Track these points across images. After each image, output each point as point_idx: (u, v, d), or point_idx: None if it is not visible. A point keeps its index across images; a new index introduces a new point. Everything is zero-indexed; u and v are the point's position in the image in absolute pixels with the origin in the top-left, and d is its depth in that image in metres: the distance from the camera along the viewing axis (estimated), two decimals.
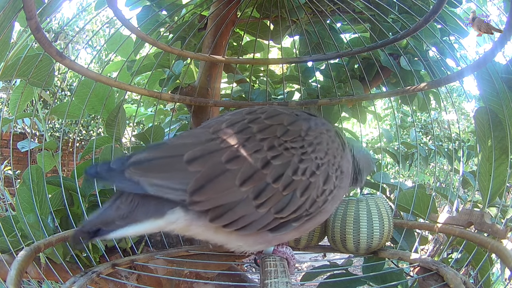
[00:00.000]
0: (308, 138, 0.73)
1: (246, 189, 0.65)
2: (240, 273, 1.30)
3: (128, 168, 0.65)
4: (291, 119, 0.75)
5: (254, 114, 0.74)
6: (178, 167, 0.65)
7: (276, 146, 0.69)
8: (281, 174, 0.68)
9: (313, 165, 0.71)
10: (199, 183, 0.64)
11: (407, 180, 5.22)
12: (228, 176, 0.65)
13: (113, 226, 0.65)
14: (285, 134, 0.71)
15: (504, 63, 1.00)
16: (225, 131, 0.70)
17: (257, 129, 0.70)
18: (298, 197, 0.69)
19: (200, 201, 0.64)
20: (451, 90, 4.32)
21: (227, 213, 0.65)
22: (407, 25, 1.13)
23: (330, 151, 0.74)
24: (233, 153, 0.67)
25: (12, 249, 0.96)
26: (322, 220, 0.79)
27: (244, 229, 0.67)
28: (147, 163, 0.66)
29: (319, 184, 0.71)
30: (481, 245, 0.86)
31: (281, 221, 0.69)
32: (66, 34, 5.77)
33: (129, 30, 1.10)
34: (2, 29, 0.82)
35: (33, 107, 2.15)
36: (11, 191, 2.69)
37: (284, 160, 0.69)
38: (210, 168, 0.65)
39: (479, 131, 1.05)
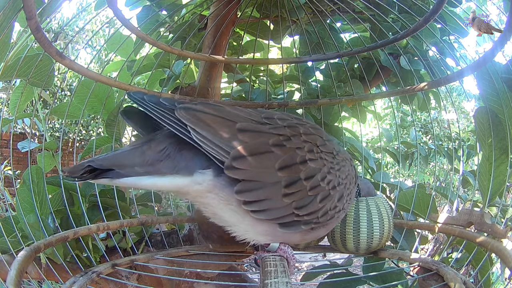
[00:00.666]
0: (337, 158, 0.81)
1: (282, 175, 0.69)
2: (241, 273, 1.30)
3: (179, 110, 0.64)
4: (327, 138, 0.83)
5: (300, 120, 0.82)
6: (229, 130, 0.67)
7: (314, 152, 0.75)
8: (312, 176, 0.73)
9: (336, 181, 0.77)
10: (244, 152, 0.66)
11: (407, 180, 5.22)
12: (271, 157, 0.69)
13: (129, 170, 0.61)
14: (323, 146, 0.78)
15: (504, 63, 1.00)
16: (276, 121, 0.75)
17: (303, 131, 0.76)
18: (317, 202, 0.74)
19: (238, 169, 0.65)
20: (451, 90, 4.32)
21: (257, 190, 0.67)
22: (407, 25, 1.13)
23: (348, 177, 0.82)
24: (280, 141, 0.71)
25: (12, 249, 0.96)
26: (321, 234, 0.85)
27: (262, 213, 0.69)
28: (200, 114, 0.66)
29: (334, 199, 0.77)
30: (481, 245, 0.86)
31: (295, 218, 0.72)
32: (66, 34, 5.77)
33: (129, 30, 1.10)
34: (2, 29, 0.82)
35: (33, 107, 2.15)
36: (11, 191, 2.68)
37: (318, 165, 0.74)
38: (257, 144, 0.69)
39: (479, 130, 1.05)
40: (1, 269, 1.08)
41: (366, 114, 1.80)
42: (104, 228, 1.03)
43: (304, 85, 1.58)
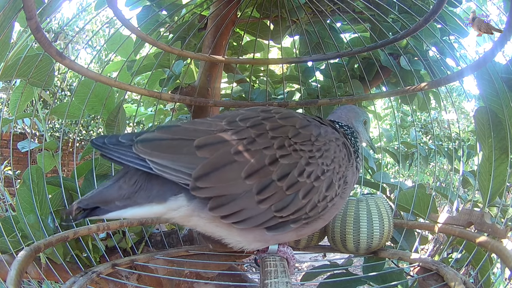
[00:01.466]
0: (317, 143, 0.74)
1: (250, 182, 0.66)
2: (240, 273, 1.30)
3: (136, 144, 0.65)
4: (304, 123, 0.76)
5: (268, 113, 0.75)
6: (187, 150, 0.66)
7: (286, 146, 0.70)
8: (287, 174, 0.68)
9: (319, 170, 0.72)
10: (205, 170, 0.65)
11: (407, 180, 5.22)
12: (234, 167, 0.66)
13: (112, 205, 0.65)
14: (296, 136, 0.72)
15: (504, 63, 1.00)
16: (238, 123, 0.71)
17: (270, 127, 0.71)
18: (300, 198, 0.69)
19: (203, 188, 0.64)
20: (451, 90, 4.32)
21: (229, 203, 0.66)
22: (407, 25, 1.13)
23: (336, 160, 0.76)
24: (243, 146, 0.67)
25: (12, 249, 0.96)
26: (319, 227, 0.80)
27: (243, 223, 0.67)
28: (156, 142, 0.66)
29: (321, 190, 0.72)
30: (481, 245, 0.86)
31: (279, 220, 0.69)
32: (66, 34, 5.77)
33: (129, 30, 1.10)
34: (2, 29, 0.82)
35: (33, 107, 2.15)
36: (11, 191, 2.68)
37: (292, 160, 0.70)
38: (218, 157, 0.66)
39: (479, 130, 1.05)
40: (1, 269, 1.08)
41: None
42: (104, 228, 1.03)
43: (304, 85, 1.58)
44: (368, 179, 1.52)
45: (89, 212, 0.65)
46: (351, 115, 0.95)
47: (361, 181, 1.31)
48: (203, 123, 0.72)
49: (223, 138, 0.68)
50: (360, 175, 1.01)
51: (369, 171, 1.60)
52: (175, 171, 0.64)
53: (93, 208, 0.65)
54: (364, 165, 1.44)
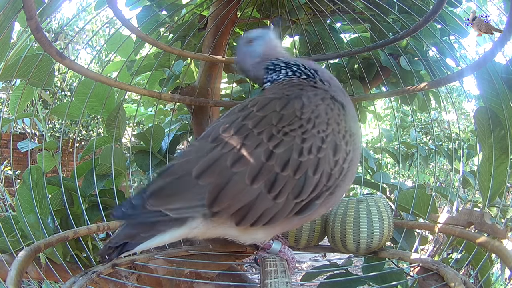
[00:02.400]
0: (305, 115, 0.72)
1: (257, 185, 0.66)
2: (240, 273, 1.30)
3: (148, 201, 0.67)
4: (283, 102, 0.73)
5: (246, 110, 0.74)
6: (190, 185, 0.67)
7: (275, 135, 0.69)
8: (287, 160, 0.67)
9: (318, 140, 0.70)
10: (214, 194, 0.66)
11: (407, 180, 5.22)
12: (237, 179, 0.66)
13: (138, 238, 0.67)
14: (281, 120, 0.70)
15: (504, 63, 1.00)
16: (223, 136, 0.70)
17: (252, 124, 0.70)
18: (311, 176, 0.68)
19: (220, 210, 0.66)
20: (451, 90, 4.32)
21: (249, 213, 0.67)
22: (407, 25, 1.13)
23: (331, 120, 0.73)
24: (236, 155, 0.67)
25: (12, 249, 0.96)
26: (346, 188, 0.77)
27: (271, 221, 0.68)
28: (162, 191, 0.67)
29: (329, 157, 0.70)
30: (481, 245, 0.86)
31: (303, 203, 0.69)
32: (66, 34, 5.77)
33: (129, 30, 1.10)
34: (2, 29, 0.82)
35: (33, 107, 2.15)
36: (11, 191, 2.68)
37: (287, 145, 0.68)
38: (219, 177, 0.66)
39: (479, 131, 1.05)
40: (1, 269, 1.08)
41: (366, 114, 1.80)
42: (104, 228, 1.03)
43: None
44: (368, 179, 1.52)
45: (121, 249, 0.67)
46: (270, 51, 0.88)
47: (361, 181, 1.31)
48: (191, 151, 0.72)
49: (214, 157, 0.68)
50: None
51: (369, 171, 1.60)
52: (189, 207, 0.67)
53: (124, 244, 0.67)
54: (364, 165, 1.44)
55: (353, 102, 1.28)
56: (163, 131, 1.36)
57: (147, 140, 1.32)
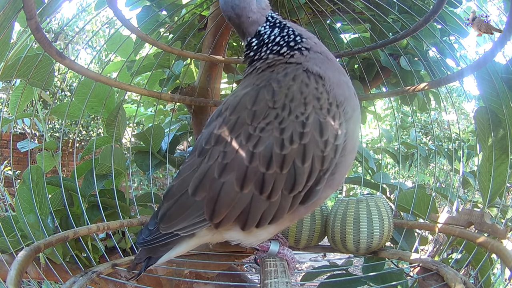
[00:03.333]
0: (278, 103, 0.67)
1: (247, 190, 0.66)
2: (240, 273, 1.30)
3: (160, 225, 0.70)
4: (253, 96, 0.69)
5: (221, 116, 0.72)
6: (189, 203, 0.69)
7: (252, 134, 0.66)
8: (270, 157, 0.65)
9: (298, 126, 0.65)
10: (210, 207, 0.67)
11: (407, 181, 5.22)
12: (227, 189, 0.66)
13: (158, 252, 0.72)
14: (254, 117, 0.67)
15: (504, 63, 1.00)
16: (205, 148, 0.70)
17: (229, 129, 0.68)
18: (300, 166, 0.65)
19: (221, 221, 0.67)
20: (451, 90, 4.32)
21: (249, 217, 0.67)
22: (407, 25, 1.13)
23: (309, 98, 0.67)
24: (221, 164, 0.67)
25: (12, 249, 0.96)
26: (351, 160, 0.73)
27: (275, 219, 0.68)
28: (168, 213, 0.70)
29: (316, 140, 0.65)
30: (481, 245, 0.86)
31: (302, 194, 0.67)
32: (66, 35, 5.77)
33: (129, 30, 1.10)
34: (2, 29, 0.82)
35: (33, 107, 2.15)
36: (11, 191, 2.68)
37: (265, 142, 0.65)
38: (210, 190, 0.67)
39: (479, 131, 1.05)
40: (1, 269, 1.08)
41: (366, 115, 1.80)
42: (104, 228, 1.03)
43: None
44: (368, 179, 1.52)
45: (147, 262, 0.72)
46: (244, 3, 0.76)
47: (361, 181, 1.31)
48: (185, 169, 0.73)
49: (203, 170, 0.68)
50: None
51: (369, 172, 1.60)
52: (194, 224, 0.69)
53: (148, 258, 0.72)
54: (364, 166, 1.44)
55: None
56: (163, 131, 1.36)
57: (147, 140, 1.32)
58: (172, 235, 0.70)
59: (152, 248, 0.72)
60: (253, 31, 0.78)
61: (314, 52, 0.76)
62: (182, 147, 2.22)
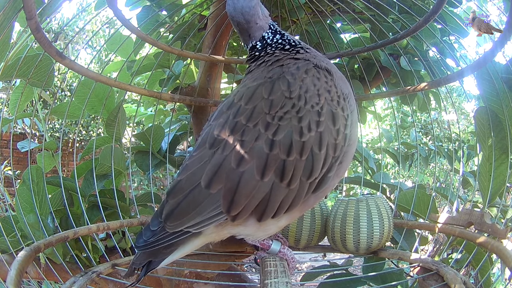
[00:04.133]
0: (294, 93, 0.70)
1: (268, 177, 0.66)
2: (240, 273, 1.30)
3: (166, 224, 0.67)
4: (268, 87, 0.72)
5: (234, 106, 0.72)
6: (202, 197, 0.66)
7: (271, 122, 0.68)
8: (290, 144, 0.66)
9: (314, 115, 0.69)
10: (228, 199, 0.65)
11: (407, 181, 5.22)
12: (247, 178, 0.65)
13: (160, 255, 0.69)
14: (272, 106, 0.69)
15: (504, 63, 1.00)
16: (219, 139, 0.69)
17: (245, 118, 0.69)
18: (318, 153, 0.67)
19: (239, 213, 0.66)
20: (451, 90, 4.33)
21: (268, 206, 0.66)
22: (407, 25, 1.13)
23: (321, 90, 0.71)
24: (238, 154, 0.66)
25: (12, 249, 0.96)
26: (353, 151, 0.76)
27: (291, 207, 0.68)
28: (177, 210, 0.67)
29: (330, 128, 0.69)
30: (481, 245, 0.86)
31: (317, 181, 0.69)
32: (66, 34, 5.77)
33: (129, 30, 1.10)
34: (2, 29, 0.82)
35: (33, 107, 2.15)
36: (11, 191, 2.68)
37: (285, 130, 0.67)
38: (228, 181, 0.65)
39: (479, 131, 1.05)
40: (1, 269, 1.08)
41: (366, 115, 1.80)
42: (104, 228, 1.03)
43: None
44: (368, 179, 1.52)
45: (147, 267, 0.69)
46: (254, 11, 0.82)
47: (361, 181, 1.31)
48: (193, 162, 0.70)
49: (218, 162, 0.67)
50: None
51: (369, 172, 1.60)
52: (209, 219, 0.66)
53: (148, 263, 0.69)
54: (364, 166, 1.44)
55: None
56: (163, 131, 1.36)
57: (147, 140, 1.32)
58: (181, 233, 0.67)
59: (153, 252, 0.68)
60: (259, 35, 0.84)
61: (313, 52, 0.83)
62: (182, 147, 2.22)
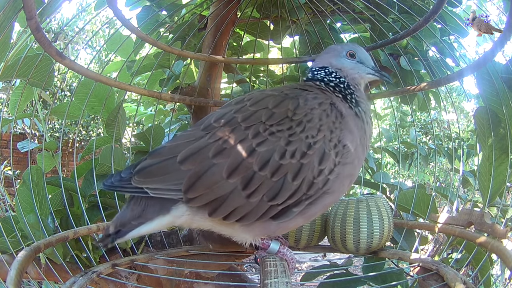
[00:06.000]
0: (296, 117, 0.70)
1: (233, 180, 0.66)
2: (240, 273, 1.30)
3: (134, 176, 0.69)
4: (278, 100, 0.72)
5: (241, 103, 0.74)
6: (173, 168, 0.68)
7: (261, 132, 0.68)
8: (267, 161, 0.66)
9: (303, 146, 0.68)
10: (191, 181, 0.67)
11: (407, 180, 5.22)
12: (215, 171, 0.66)
13: (129, 226, 0.71)
14: (271, 117, 0.69)
15: (504, 63, 1.00)
16: (213, 125, 0.71)
17: (242, 118, 0.70)
18: (290, 181, 0.67)
19: (195, 198, 0.67)
20: (451, 90, 4.33)
21: (222, 205, 0.67)
22: (407, 25, 1.13)
23: (324, 127, 0.70)
24: (219, 146, 0.68)
25: (12, 249, 0.96)
26: (331, 202, 0.75)
27: (243, 219, 0.68)
28: (148, 169, 0.70)
29: (313, 165, 0.68)
30: (481, 245, 0.86)
31: (279, 208, 0.68)
32: (66, 35, 5.77)
33: (129, 30, 1.10)
34: (2, 29, 0.82)
35: (33, 107, 2.15)
36: (11, 191, 2.68)
37: (270, 145, 0.67)
38: (199, 165, 0.67)
39: (479, 130, 1.05)
40: (1, 269, 1.08)
41: None
42: (104, 228, 1.03)
43: None
44: (368, 179, 1.52)
45: (115, 235, 0.71)
46: (328, 55, 0.86)
47: (361, 181, 1.31)
48: (182, 136, 0.73)
49: (200, 145, 0.69)
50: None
51: (369, 171, 1.60)
52: (168, 190, 0.68)
53: (117, 232, 0.71)
54: (364, 165, 1.44)
55: None
56: (163, 131, 1.36)
57: (147, 140, 1.32)
58: (141, 191, 0.69)
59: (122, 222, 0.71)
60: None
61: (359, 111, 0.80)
62: None
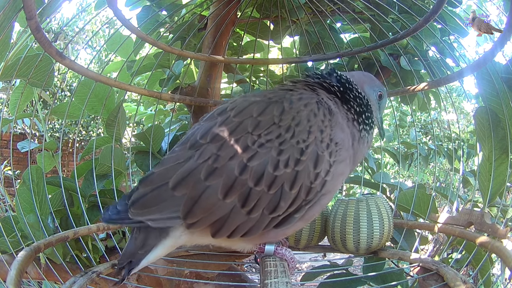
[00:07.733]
0: (284, 122, 0.67)
1: (230, 200, 0.64)
2: (240, 273, 1.30)
3: (130, 209, 0.68)
4: (262, 107, 0.69)
5: (224, 114, 0.71)
6: (167, 195, 0.66)
7: (250, 146, 0.65)
8: (261, 175, 0.64)
9: (296, 152, 0.66)
10: (188, 207, 0.65)
11: (407, 180, 5.22)
12: (210, 193, 0.64)
13: (137, 256, 0.70)
14: (257, 127, 0.67)
15: (504, 63, 1.00)
16: (199, 142, 0.68)
17: (228, 131, 0.67)
18: (287, 191, 0.65)
19: (194, 222, 0.66)
20: (451, 90, 4.33)
21: (224, 226, 0.66)
22: (407, 25, 1.13)
23: (314, 128, 0.68)
24: (210, 167, 0.65)
25: (12, 249, 0.96)
26: (327, 201, 0.74)
27: (248, 234, 0.67)
28: (142, 200, 0.68)
29: (309, 170, 0.66)
30: (481, 245, 0.86)
31: (280, 218, 0.67)
32: (66, 35, 5.77)
33: (129, 30, 1.10)
34: (2, 29, 0.82)
35: (33, 107, 2.15)
36: (11, 191, 2.68)
37: (261, 158, 0.65)
38: (193, 189, 0.65)
39: (479, 130, 1.05)
40: (1, 269, 1.08)
41: None
42: (104, 228, 1.03)
43: None
44: (368, 179, 1.52)
45: (129, 267, 0.70)
46: (364, 79, 0.85)
47: (361, 181, 1.31)
48: (171, 158, 0.70)
49: (190, 167, 0.66)
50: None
51: (369, 171, 1.60)
52: (168, 219, 0.67)
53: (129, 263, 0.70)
54: (364, 165, 1.44)
55: None
56: (163, 131, 1.36)
57: (147, 140, 1.32)
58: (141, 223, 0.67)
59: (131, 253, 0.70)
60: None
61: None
62: None
